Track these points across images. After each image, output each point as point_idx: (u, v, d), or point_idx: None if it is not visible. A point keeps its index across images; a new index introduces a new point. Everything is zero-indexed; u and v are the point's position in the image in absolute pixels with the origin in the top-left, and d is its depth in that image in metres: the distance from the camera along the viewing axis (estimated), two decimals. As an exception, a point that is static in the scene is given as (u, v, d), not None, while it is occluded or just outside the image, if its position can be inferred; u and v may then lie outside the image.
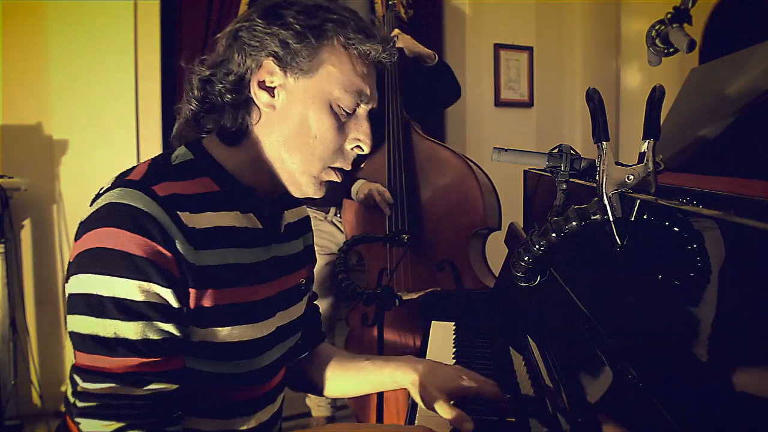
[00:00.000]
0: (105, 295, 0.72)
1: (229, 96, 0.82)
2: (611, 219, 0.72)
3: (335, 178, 0.87)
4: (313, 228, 1.09)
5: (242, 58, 0.82)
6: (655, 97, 0.73)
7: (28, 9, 2.58)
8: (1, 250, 2.38)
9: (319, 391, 1.08)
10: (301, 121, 0.83)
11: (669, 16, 0.88)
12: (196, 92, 0.85)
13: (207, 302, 0.79)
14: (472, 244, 2.17)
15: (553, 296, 1.07)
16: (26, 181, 2.45)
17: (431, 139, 2.26)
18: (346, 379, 1.05)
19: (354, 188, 2.19)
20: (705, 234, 0.60)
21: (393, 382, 0.99)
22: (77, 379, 0.74)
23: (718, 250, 0.58)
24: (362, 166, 2.25)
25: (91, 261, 0.73)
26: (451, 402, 0.91)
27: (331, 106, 0.83)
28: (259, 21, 0.81)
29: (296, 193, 0.88)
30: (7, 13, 2.55)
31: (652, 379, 0.65)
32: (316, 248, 1.12)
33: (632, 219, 0.73)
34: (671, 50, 0.89)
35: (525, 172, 1.69)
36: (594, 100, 0.75)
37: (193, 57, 0.91)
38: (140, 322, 0.73)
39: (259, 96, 0.82)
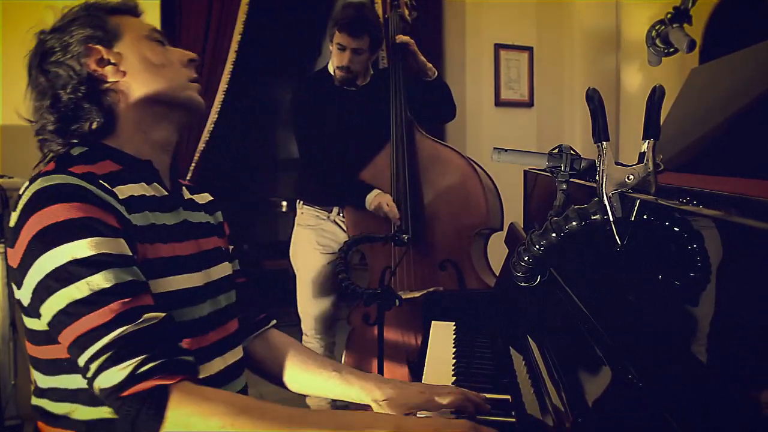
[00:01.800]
0: (65, 262, 0.77)
1: (79, 93, 0.90)
2: (611, 219, 0.72)
3: (194, 74, 1.00)
4: (315, 227, 1.10)
5: (65, 70, 0.91)
6: (655, 97, 0.73)
7: (28, 9, 2.58)
8: (1, 250, 2.37)
9: (278, 381, 1.10)
10: (144, 62, 0.94)
11: (669, 16, 0.88)
12: (48, 115, 0.92)
13: (142, 256, 0.85)
14: (474, 243, 2.18)
15: (553, 296, 1.07)
16: (26, 181, 2.44)
17: (435, 139, 2.27)
18: (312, 381, 1.06)
19: (368, 198, 2.19)
20: (705, 234, 0.60)
21: (357, 398, 1.00)
22: (81, 356, 0.76)
23: (718, 250, 0.58)
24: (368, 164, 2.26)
25: (40, 242, 0.78)
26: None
27: (149, 39, 0.97)
28: (53, 35, 0.94)
29: (191, 107, 0.98)
30: (7, 13, 2.54)
31: (651, 379, 0.65)
32: (318, 247, 1.12)
33: (632, 219, 0.73)
34: (671, 50, 0.89)
35: (525, 172, 1.69)
36: (594, 100, 0.75)
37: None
38: (106, 270, 0.77)
39: (106, 72, 0.92)
